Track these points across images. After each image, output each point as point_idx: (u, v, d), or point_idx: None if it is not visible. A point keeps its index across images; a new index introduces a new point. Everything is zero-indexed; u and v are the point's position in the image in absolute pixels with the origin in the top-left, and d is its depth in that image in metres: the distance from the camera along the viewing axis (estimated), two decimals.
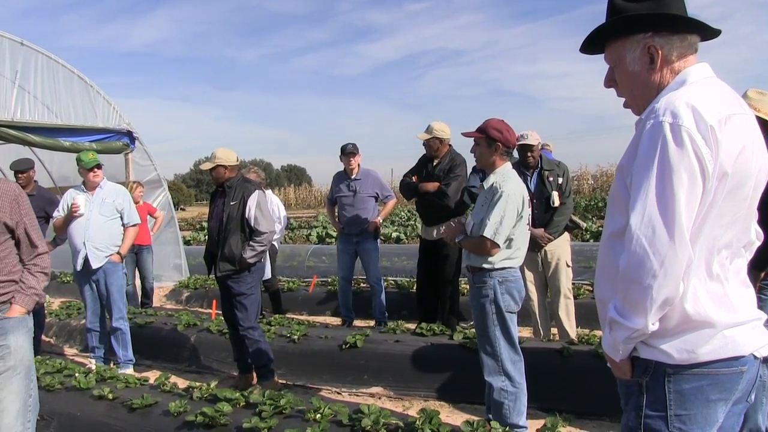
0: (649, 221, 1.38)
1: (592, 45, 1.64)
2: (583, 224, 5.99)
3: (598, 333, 4.56)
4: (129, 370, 4.78)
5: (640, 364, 1.52)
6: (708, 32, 1.56)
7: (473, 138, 3.33)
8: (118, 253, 4.90)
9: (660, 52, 1.52)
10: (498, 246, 3.12)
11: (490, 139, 3.23)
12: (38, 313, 5.54)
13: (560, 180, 4.80)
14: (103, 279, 4.84)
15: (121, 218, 4.97)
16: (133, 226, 5.03)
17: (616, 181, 1.55)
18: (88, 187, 4.94)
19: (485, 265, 3.18)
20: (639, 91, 1.58)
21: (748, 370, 1.49)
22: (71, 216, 4.81)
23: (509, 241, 3.18)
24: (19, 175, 5.32)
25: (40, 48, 7.57)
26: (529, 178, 4.81)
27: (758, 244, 1.64)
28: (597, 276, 1.65)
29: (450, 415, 3.84)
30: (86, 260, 4.78)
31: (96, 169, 4.90)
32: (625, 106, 1.65)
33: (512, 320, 3.21)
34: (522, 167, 4.80)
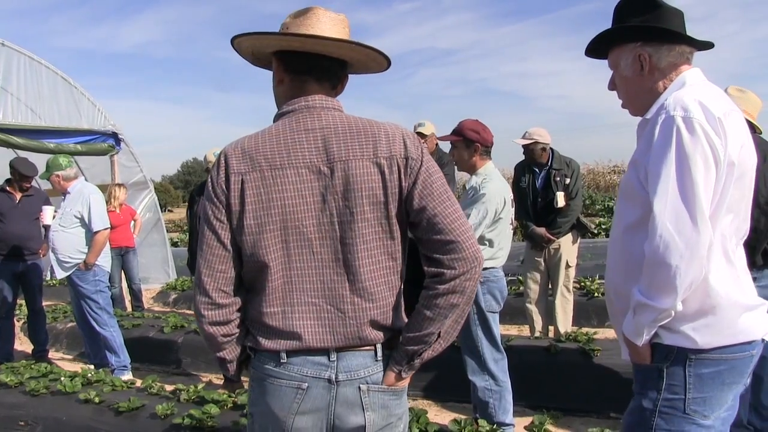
0: (672, 206, 1.46)
1: (596, 50, 1.79)
2: (591, 225, 6.01)
3: (585, 330, 4.59)
4: (126, 376, 4.53)
5: (661, 350, 1.58)
6: (698, 44, 1.68)
7: (451, 141, 3.31)
8: (85, 261, 4.54)
9: (649, 60, 1.66)
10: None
11: (468, 141, 3.20)
12: (40, 320, 5.53)
13: (567, 180, 4.78)
14: (74, 287, 4.68)
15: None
16: (99, 231, 4.51)
17: (629, 176, 1.64)
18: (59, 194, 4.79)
19: None
20: (633, 94, 1.73)
21: (756, 354, 1.59)
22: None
23: (490, 241, 3.16)
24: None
25: (22, 49, 7.48)
26: (537, 175, 4.82)
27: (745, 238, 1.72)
28: (608, 272, 1.72)
29: (438, 414, 3.85)
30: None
31: (54, 177, 4.61)
32: (623, 107, 1.79)
33: (494, 320, 3.23)
34: (531, 165, 4.81)
